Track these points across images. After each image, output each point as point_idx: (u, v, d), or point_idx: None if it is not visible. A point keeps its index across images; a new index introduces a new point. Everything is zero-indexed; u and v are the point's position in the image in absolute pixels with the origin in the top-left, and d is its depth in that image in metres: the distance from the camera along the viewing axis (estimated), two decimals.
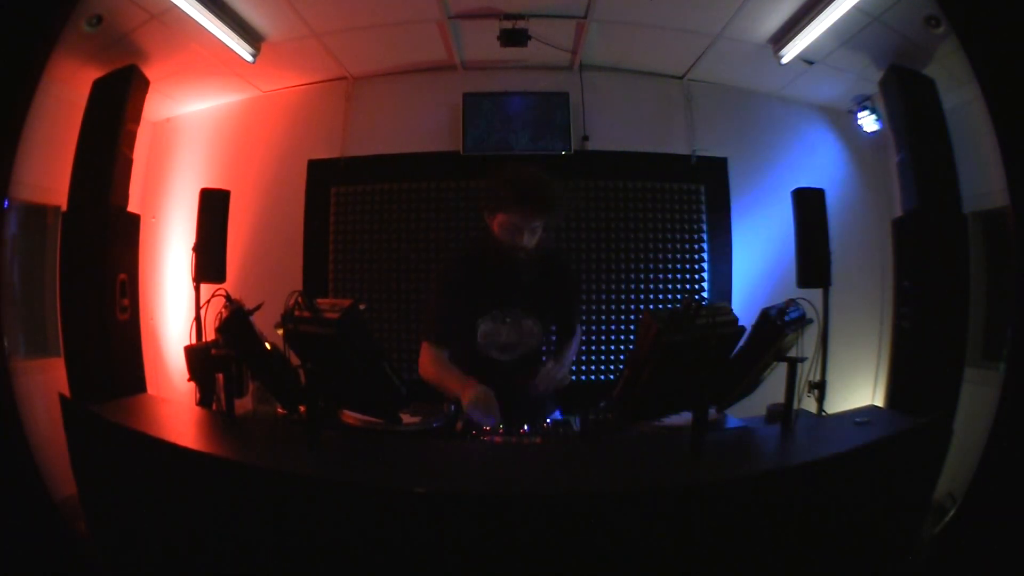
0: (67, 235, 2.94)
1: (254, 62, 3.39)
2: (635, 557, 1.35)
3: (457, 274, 2.16)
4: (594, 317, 3.79)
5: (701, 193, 3.86)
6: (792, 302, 1.82)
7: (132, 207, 3.26)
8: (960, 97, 2.86)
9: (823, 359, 3.06)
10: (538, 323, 2.13)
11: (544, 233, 2.06)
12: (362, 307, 1.63)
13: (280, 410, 2.01)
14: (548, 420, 1.96)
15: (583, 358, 3.79)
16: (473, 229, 3.78)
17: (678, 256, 3.83)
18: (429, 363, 2.08)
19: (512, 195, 1.97)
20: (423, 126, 3.86)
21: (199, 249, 3.25)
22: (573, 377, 3.19)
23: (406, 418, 1.90)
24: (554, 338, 2.38)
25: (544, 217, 2.01)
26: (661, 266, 3.83)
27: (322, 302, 1.64)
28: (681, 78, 3.86)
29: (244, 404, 2.06)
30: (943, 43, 2.82)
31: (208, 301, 2.09)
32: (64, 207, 2.98)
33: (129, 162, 3.18)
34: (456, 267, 2.20)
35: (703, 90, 3.87)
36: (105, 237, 3.04)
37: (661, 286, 3.82)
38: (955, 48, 2.21)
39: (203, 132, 3.95)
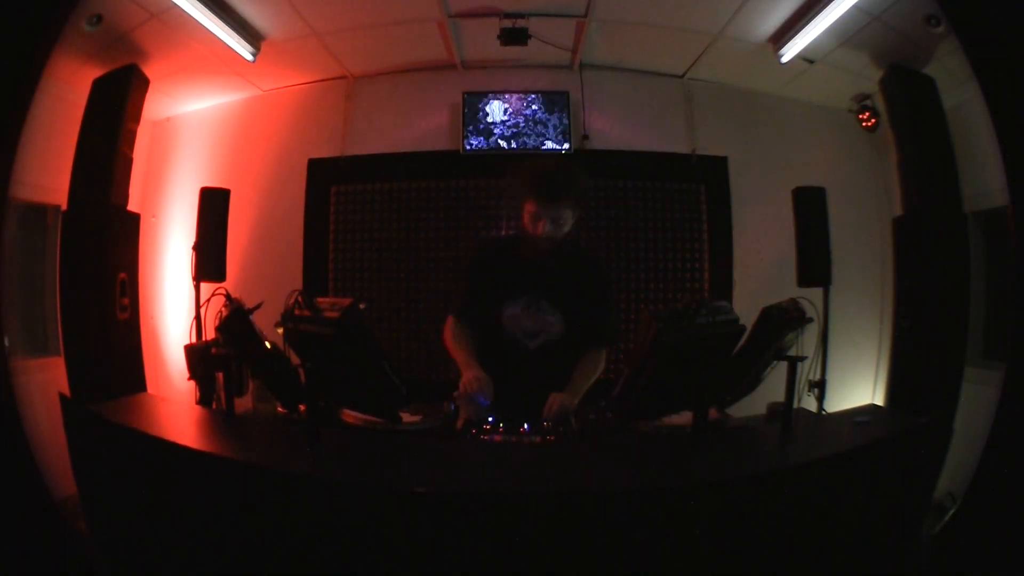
0: (67, 235, 2.94)
1: (254, 61, 3.39)
2: (635, 557, 1.34)
3: (487, 255, 2.27)
4: None
5: (701, 192, 3.85)
6: (792, 301, 1.81)
7: (132, 206, 3.27)
8: (960, 97, 2.85)
9: (823, 358, 3.07)
10: (561, 318, 2.13)
11: (572, 225, 2.09)
12: (362, 307, 1.63)
13: (280, 409, 2.01)
14: (545, 421, 1.95)
15: None
16: (473, 229, 3.79)
17: (678, 256, 3.83)
18: (450, 335, 2.15)
19: (532, 184, 2.01)
20: (423, 126, 3.86)
21: (199, 248, 3.25)
22: None
23: (406, 418, 1.91)
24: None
25: (564, 208, 2.03)
26: (661, 266, 3.82)
27: (322, 301, 1.64)
28: (681, 77, 3.85)
29: (244, 403, 2.06)
30: (943, 42, 2.81)
31: (208, 300, 2.09)
32: (64, 206, 2.98)
33: (129, 161, 3.19)
34: (487, 249, 2.34)
35: (703, 89, 3.87)
36: (105, 236, 3.04)
37: (661, 286, 3.82)
38: (955, 48, 2.21)
39: (203, 131, 3.95)
